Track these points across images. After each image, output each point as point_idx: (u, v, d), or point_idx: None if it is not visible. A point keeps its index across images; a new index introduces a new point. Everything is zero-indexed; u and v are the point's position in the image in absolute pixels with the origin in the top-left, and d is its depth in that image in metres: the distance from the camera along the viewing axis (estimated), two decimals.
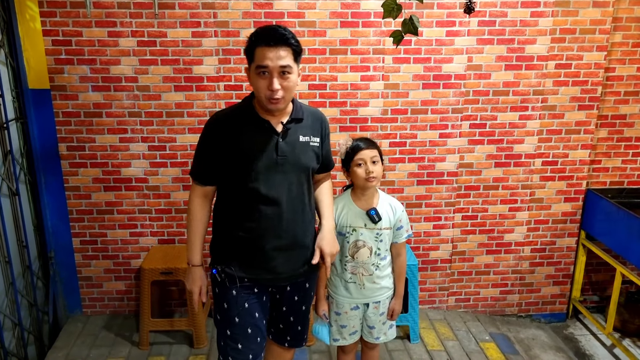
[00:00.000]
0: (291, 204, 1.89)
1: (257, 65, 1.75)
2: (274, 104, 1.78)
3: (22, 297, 2.87)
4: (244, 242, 1.89)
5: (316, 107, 2.09)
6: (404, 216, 2.20)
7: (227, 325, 1.93)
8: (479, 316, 3.48)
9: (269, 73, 1.74)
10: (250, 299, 1.93)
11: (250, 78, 1.82)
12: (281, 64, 1.73)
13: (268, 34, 1.73)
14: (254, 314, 1.94)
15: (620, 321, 3.38)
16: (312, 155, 1.93)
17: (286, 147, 1.86)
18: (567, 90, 3.20)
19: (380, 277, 2.19)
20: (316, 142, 1.94)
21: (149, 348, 2.98)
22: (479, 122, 3.21)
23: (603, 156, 3.42)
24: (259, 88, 1.77)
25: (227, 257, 1.92)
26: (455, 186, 3.30)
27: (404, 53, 3.06)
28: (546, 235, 3.43)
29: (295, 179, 1.89)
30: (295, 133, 1.89)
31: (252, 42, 1.77)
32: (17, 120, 2.92)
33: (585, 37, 3.12)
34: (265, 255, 1.89)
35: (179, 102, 3.03)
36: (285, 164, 1.85)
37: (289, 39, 1.75)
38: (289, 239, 1.90)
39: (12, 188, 2.81)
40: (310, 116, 1.96)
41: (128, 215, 3.17)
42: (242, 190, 1.86)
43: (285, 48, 1.74)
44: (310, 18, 2.96)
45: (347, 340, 2.29)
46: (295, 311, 2.07)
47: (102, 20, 2.88)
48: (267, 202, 1.85)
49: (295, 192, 1.89)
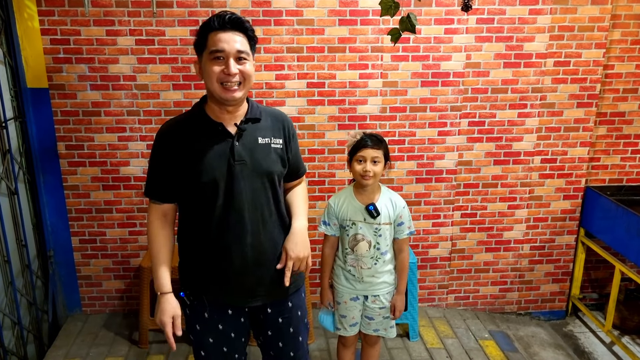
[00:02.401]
0: (254, 214, 1.70)
1: (211, 50, 1.60)
2: (230, 92, 1.62)
3: (21, 296, 2.88)
4: (209, 261, 1.73)
5: (275, 108, 1.94)
6: (405, 212, 2.21)
7: (200, 347, 1.81)
8: (478, 314, 3.48)
9: (225, 58, 1.60)
10: (225, 320, 1.78)
11: (202, 69, 1.66)
12: (238, 47, 1.60)
13: (222, 19, 1.60)
14: (230, 334, 1.79)
15: (620, 318, 3.38)
16: (276, 158, 1.74)
17: (243, 150, 1.68)
18: (566, 87, 3.20)
19: (380, 271, 2.21)
20: (278, 143, 1.76)
21: (148, 347, 2.99)
22: (477, 119, 3.21)
23: (602, 153, 3.42)
24: (212, 74, 1.61)
25: (195, 279, 1.77)
26: (454, 184, 3.30)
27: (402, 51, 3.06)
28: (545, 233, 3.43)
29: (259, 185, 1.71)
30: (252, 134, 1.71)
31: (205, 28, 1.63)
32: (16, 119, 2.92)
33: (584, 34, 3.12)
34: (233, 274, 1.72)
35: (177, 100, 3.03)
36: (244, 170, 1.67)
37: (243, 22, 1.63)
38: (255, 254, 1.72)
39: (11, 187, 2.81)
40: (270, 116, 1.79)
41: (127, 214, 3.17)
42: (200, 204, 1.70)
43: (241, 33, 1.63)
44: (308, 16, 2.96)
45: (348, 330, 2.32)
46: (282, 336, 1.86)
47: (100, 19, 2.88)
48: (229, 214, 1.68)
49: (258, 201, 1.71)
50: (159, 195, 1.74)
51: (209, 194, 1.67)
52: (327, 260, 2.28)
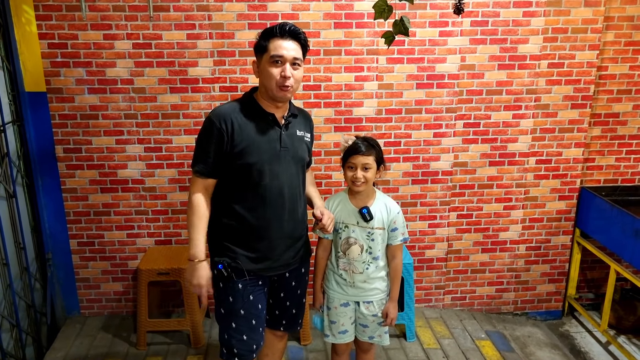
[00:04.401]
0: (292, 194, 1.98)
1: (272, 54, 1.86)
2: (284, 92, 1.88)
3: (19, 298, 2.89)
4: (251, 234, 1.94)
5: (303, 108, 2.22)
6: (399, 218, 2.19)
7: (232, 319, 1.97)
8: (474, 314, 3.50)
9: (283, 62, 1.86)
10: (255, 291, 1.98)
11: (260, 69, 1.92)
12: (294, 55, 1.88)
13: (283, 28, 1.86)
14: (258, 305, 2.00)
15: (615, 318, 3.40)
16: (306, 149, 2.06)
17: (288, 139, 1.97)
18: (560, 89, 3.22)
19: (372, 277, 2.19)
20: (308, 137, 2.08)
21: (146, 348, 3.00)
22: (472, 121, 3.23)
23: (597, 154, 3.44)
24: (271, 76, 1.87)
25: (233, 251, 1.95)
26: (450, 185, 3.32)
27: (397, 53, 3.08)
28: (541, 234, 3.45)
29: (295, 169, 2.00)
30: (293, 127, 2.01)
31: (268, 34, 1.88)
32: (14, 123, 2.94)
33: (578, 36, 3.14)
34: (272, 245, 1.97)
35: (174, 103, 3.05)
36: (287, 155, 1.96)
37: (300, 33, 1.91)
38: (290, 228, 2.00)
39: (9, 190, 2.83)
40: (301, 114, 2.10)
41: (125, 217, 3.19)
42: (246, 182, 1.92)
43: (297, 42, 1.90)
44: (304, 19, 2.99)
45: (336, 338, 2.28)
46: (292, 296, 2.15)
47: (97, 23, 2.90)
48: (272, 193, 1.93)
49: (294, 182, 2.00)
50: (207, 171, 1.92)
51: (256, 173, 1.90)
52: (321, 263, 2.26)
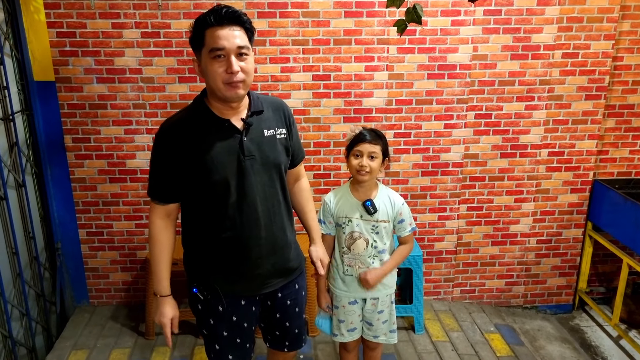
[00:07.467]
0: (267, 207, 1.74)
1: (210, 48, 1.55)
2: (234, 89, 1.58)
3: (29, 287, 2.90)
4: (224, 255, 1.74)
5: (274, 96, 1.90)
6: (405, 209, 2.16)
7: (215, 340, 1.83)
8: (484, 307, 3.48)
9: (226, 55, 1.56)
10: (238, 311, 1.81)
11: (201, 68, 1.62)
12: (238, 43, 1.55)
13: (218, 14, 1.54)
14: (243, 324, 1.83)
15: (627, 312, 3.36)
16: (281, 149, 1.77)
17: (252, 145, 1.68)
18: (574, 79, 3.17)
19: None
20: (282, 133, 1.78)
21: (155, 338, 3.01)
22: (484, 112, 3.18)
23: (610, 146, 3.39)
24: (215, 74, 1.57)
25: (208, 273, 1.78)
26: (460, 177, 3.28)
27: (408, 43, 3.04)
28: (552, 227, 3.41)
29: (268, 177, 1.73)
30: (258, 127, 1.71)
31: (201, 24, 1.57)
32: (23, 112, 2.93)
33: (593, 25, 3.08)
34: (251, 265, 1.75)
35: (183, 93, 3.03)
36: (254, 164, 1.68)
37: (240, 15, 1.57)
38: (270, 243, 1.76)
39: (19, 179, 2.83)
40: (270, 106, 1.78)
41: (133, 207, 3.19)
42: (211, 202, 1.69)
43: (239, 27, 1.57)
44: (314, 8, 2.95)
45: (345, 336, 2.26)
46: (289, 316, 1.94)
47: (106, 12, 2.88)
48: (242, 211, 1.69)
49: (269, 193, 1.74)
50: (164, 195, 1.72)
51: (221, 191, 1.66)
52: None
